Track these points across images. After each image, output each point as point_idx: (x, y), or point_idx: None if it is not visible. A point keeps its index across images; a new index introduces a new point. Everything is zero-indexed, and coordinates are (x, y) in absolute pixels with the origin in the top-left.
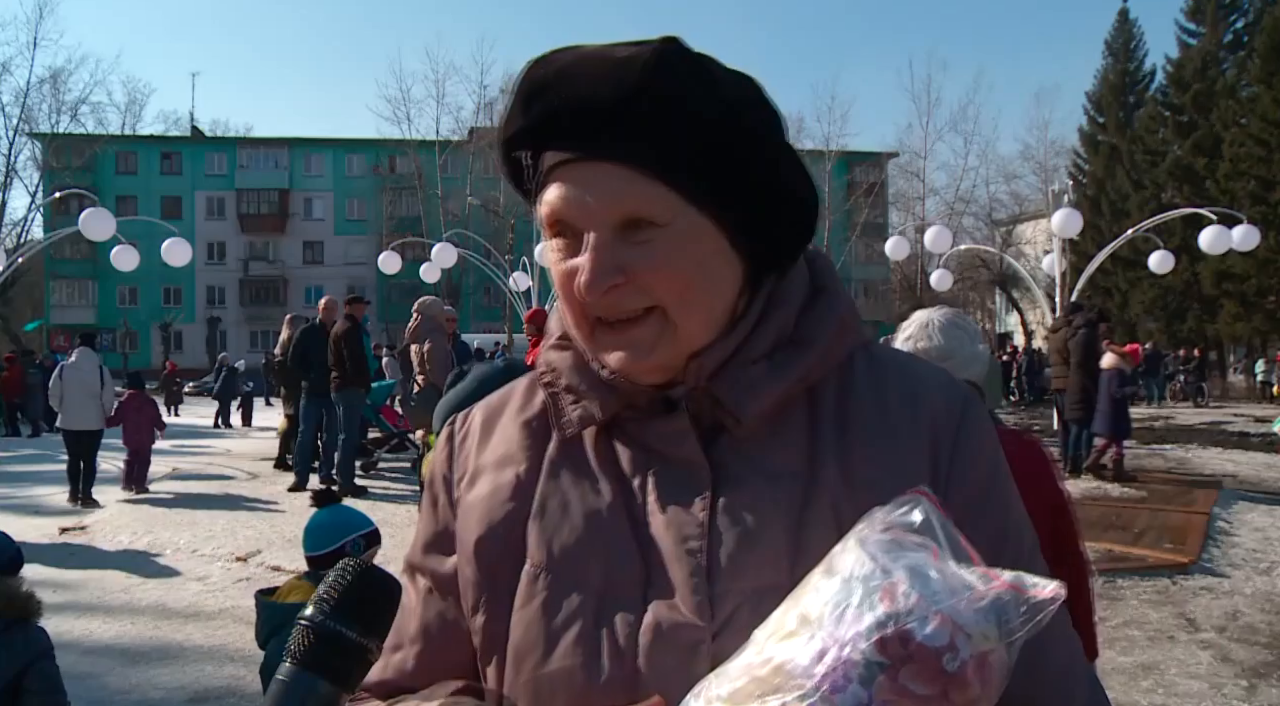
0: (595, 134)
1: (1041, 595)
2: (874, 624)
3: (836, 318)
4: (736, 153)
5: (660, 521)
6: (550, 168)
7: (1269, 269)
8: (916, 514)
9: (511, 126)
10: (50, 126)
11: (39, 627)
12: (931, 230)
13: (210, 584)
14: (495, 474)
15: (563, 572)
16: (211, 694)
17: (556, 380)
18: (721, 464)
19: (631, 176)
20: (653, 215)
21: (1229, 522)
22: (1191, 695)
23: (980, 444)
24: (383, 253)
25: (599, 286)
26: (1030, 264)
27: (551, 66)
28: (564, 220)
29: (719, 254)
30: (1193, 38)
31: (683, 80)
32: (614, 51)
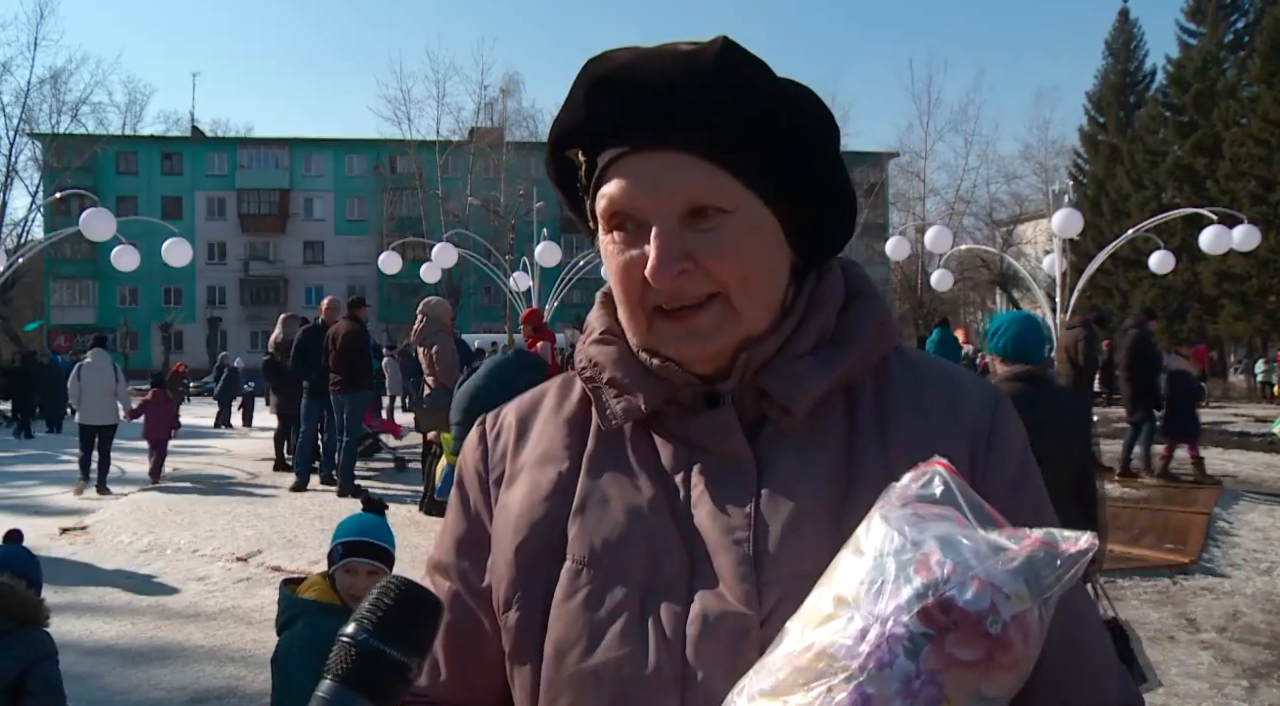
0: (662, 124)
1: (1074, 548)
2: (914, 595)
3: (875, 319)
4: (796, 147)
5: (705, 514)
6: (611, 161)
7: (1269, 269)
8: (936, 484)
9: (571, 120)
10: (51, 127)
11: (44, 632)
12: (932, 230)
13: (210, 584)
14: (536, 472)
15: (606, 567)
16: (211, 694)
17: (598, 374)
18: (764, 457)
19: (697, 164)
20: (719, 202)
21: (1229, 523)
22: (1192, 695)
23: (1012, 441)
24: (383, 253)
25: (668, 271)
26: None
27: (614, 62)
28: (627, 211)
29: (777, 244)
30: (1193, 38)
31: (749, 75)
32: (675, 47)
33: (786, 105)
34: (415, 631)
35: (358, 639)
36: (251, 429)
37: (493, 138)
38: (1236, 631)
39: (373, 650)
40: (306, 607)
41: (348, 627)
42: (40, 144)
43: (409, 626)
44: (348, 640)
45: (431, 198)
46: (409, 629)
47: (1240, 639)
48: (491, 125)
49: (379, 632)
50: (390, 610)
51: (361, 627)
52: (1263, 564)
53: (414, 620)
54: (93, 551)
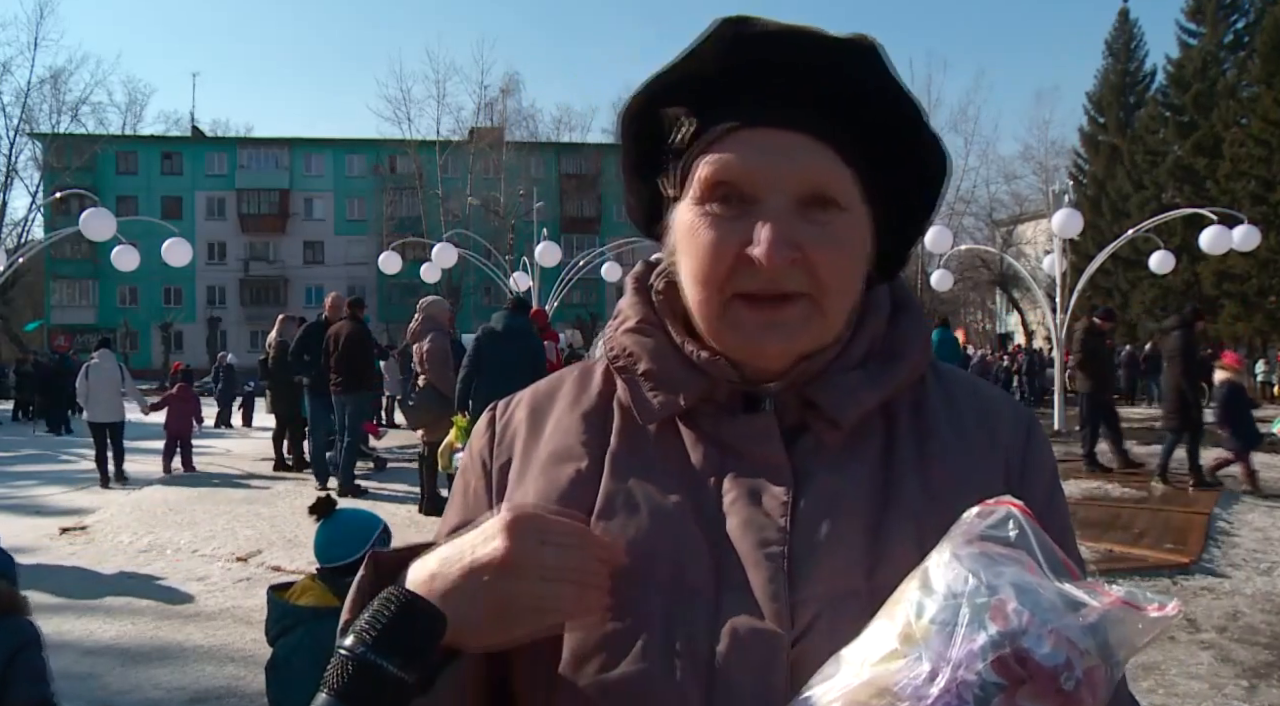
0: (798, 101)
1: (1158, 613)
2: (989, 643)
3: (921, 335)
4: (911, 162)
5: (738, 522)
6: (731, 128)
7: (1269, 269)
8: (1010, 527)
9: (694, 71)
10: (51, 126)
11: (26, 620)
12: (932, 230)
13: (210, 584)
14: (552, 469)
15: (631, 573)
16: (211, 694)
17: (633, 365)
18: (802, 468)
19: (828, 153)
20: (838, 195)
21: (1229, 522)
22: (1192, 695)
23: (1043, 461)
24: (383, 253)
25: (784, 254)
26: (1031, 264)
27: (761, 26)
28: (738, 184)
29: (866, 255)
30: (1193, 38)
31: (894, 82)
32: (823, 32)
33: (919, 120)
34: (415, 645)
35: (355, 652)
36: (251, 428)
37: (493, 138)
38: (1236, 631)
39: (370, 664)
40: (304, 615)
41: (345, 640)
42: (40, 144)
43: (408, 640)
44: (345, 653)
45: (431, 198)
46: (408, 643)
47: (1240, 639)
48: (491, 125)
49: (377, 646)
50: (389, 623)
51: (360, 640)
52: (1263, 564)
53: (413, 634)
54: (93, 551)
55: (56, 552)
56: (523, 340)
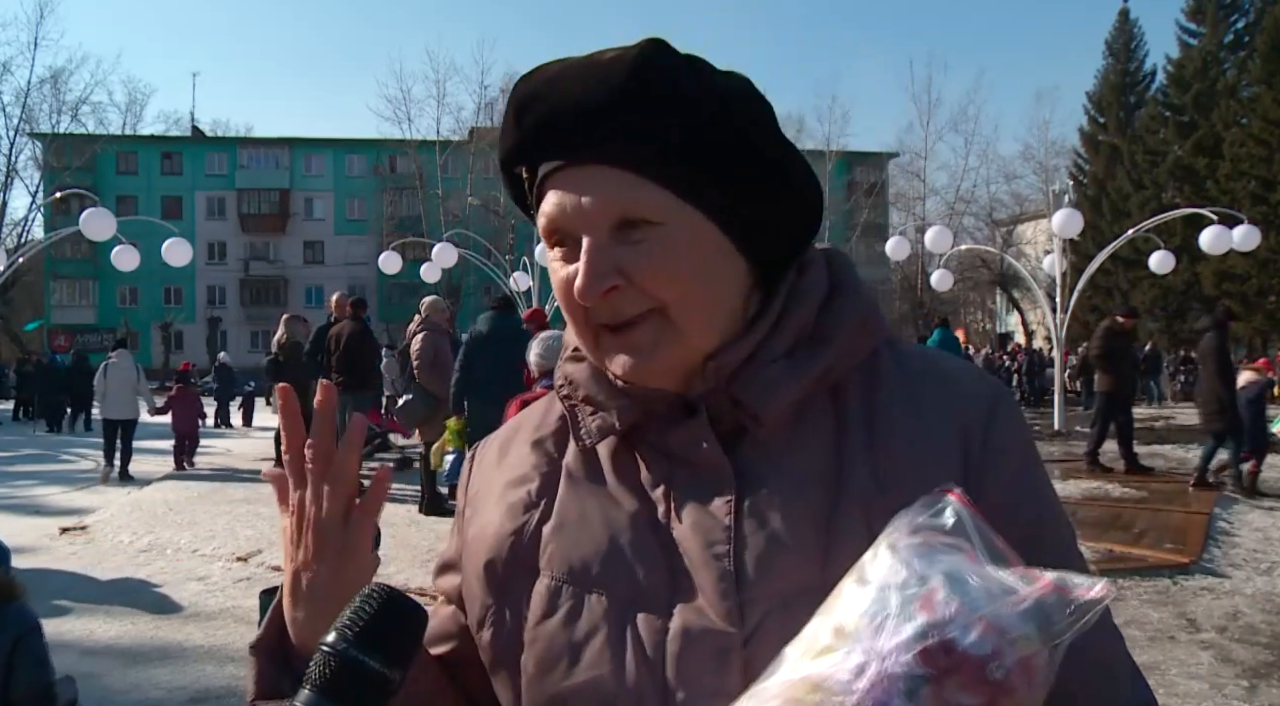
0: (586, 138)
1: (1087, 595)
2: (915, 635)
3: (857, 315)
4: (730, 148)
5: (685, 527)
6: (544, 177)
7: (1269, 269)
8: (948, 515)
9: (506, 141)
10: (51, 126)
11: (22, 606)
12: (932, 230)
13: (210, 584)
14: (506, 493)
15: (585, 583)
16: (211, 694)
17: (574, 392)
18: (745, 466)
19: (623, 176)
20: (647, 214)
21: (1229, 522)
22: (1192, 695)
23: (1011, 436)
24: (383, 253)
25: (596, 288)
26: (1031, 264)
27: (540, 78)
28: (560, 227)
29: (719, 253)
30: (1193, 38)
31: (671, 78)
32: (600, 56)
33: (716, 107)
34: (396, 642)
35: (337, 648)
36: (252, 428)
37: (493, 137)
38: (1236, 631)
39: (352, 660)
40: None
41: (328, 636)
42: (40, 144)
43: (390, 636)
44: (327, 649)
45: (431, 198)
46: (390, 639)
47: (1240, 639)
48: (491, 125)
49: (359, 642)
50: (371, 619)
51: (341, 637)
52: (1263, 564)
53: (396, 630)
54: (93, 551)
55: (56, 552)
56: (510, 342)
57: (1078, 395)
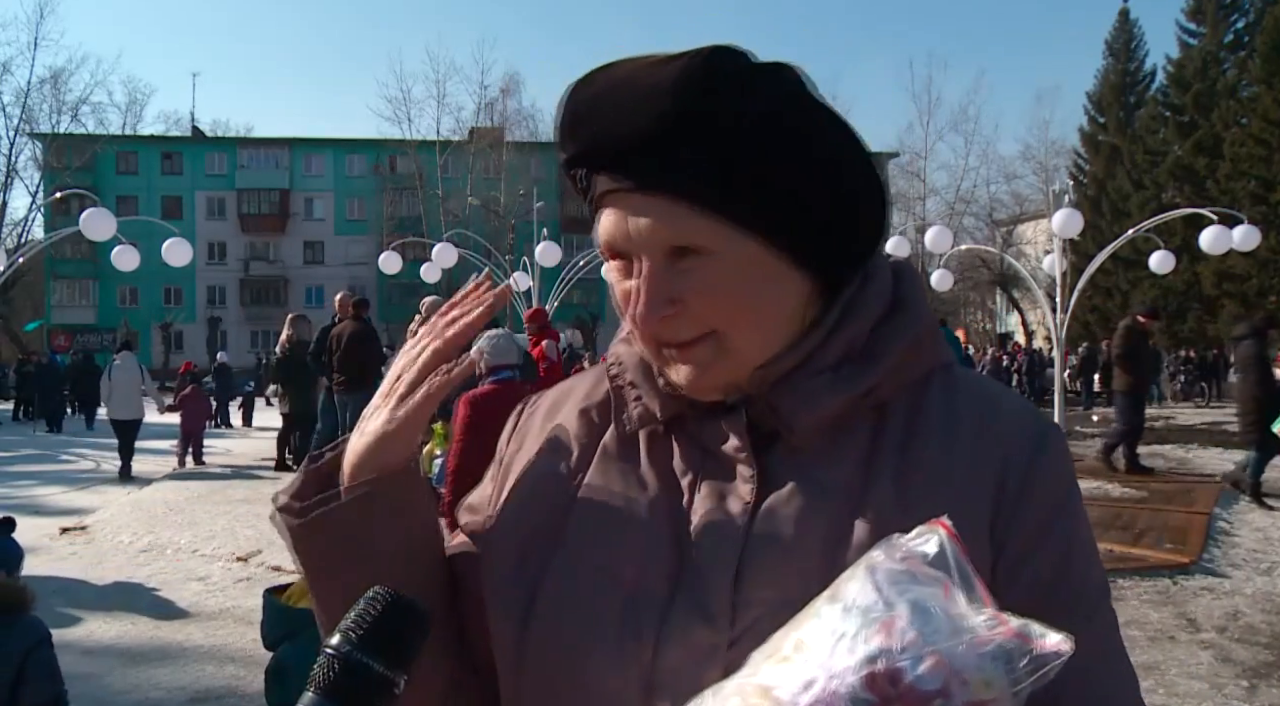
0: (635, 165)
1: (1045, 647)
2: (865, 658)
3: (912, 334)
4: (783, 172)
5: (701, 522)
6: (601, 194)
7: (1269, 269)
8: (932, 545)
9: (562, 151)
10: (51, 126)
11: (35, 617)
12: (932, 230)
13: (210, 584)
14: (544, 457)
15: (596, 564)
16: (211, 694)
17: (622, 373)
18: (772, 471)
19: (673, 207)
20: (699, 245)
21: (1230, 522)
22: (1192, 695)
23: (1052, 478)
24: (383, 253)
25: (653, 317)
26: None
27: (592, 92)
28: (617, 247)
29: (773, 274)
30: (1193, 38)
31: (712, 104)
32: (648, 74)
33: (766, 134)
34: (401, 644)
35: (341, 651)
36: (251, 428)
37: (493, 138)
38: (1236, 631)
39: (357, 663)
40: (306, 619)
41: (332, 638)
42: (40, 144)
43: (394, 639)
44: (331, 651)
45: (431, 198)
46: (394, 642)
47: (1240, 639)
48: (491, 125)
49: (363, 645)
50: (376, 622)
51: (346, 639)
52: (1263, 564)
53: (400, 633)
54: (93, 551)
55: (56, 552)
56: None
57: (1077, 395)
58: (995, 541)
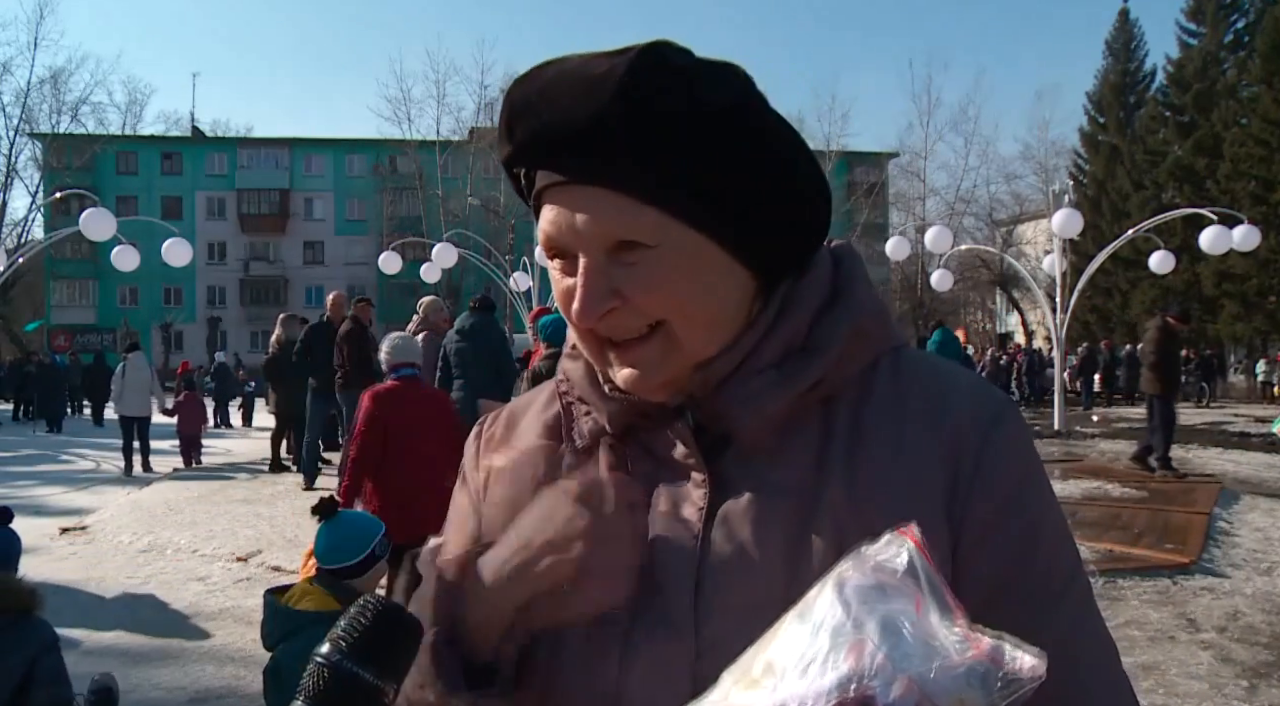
0: (576, 158)
1: (1019, 670)
2: (836, 684)
3: (853, 322)
4: (726, 166)
5: (659, 532)
6: (541, 189)
7: (1269, 269)
8: (901, 558)
9: (501, 148)
10: (51, 127)
11: (42, 620)
12: (932, 230)
13: (210, 584)
14: (514, 475)
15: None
16: (211, 694)
17: (571, 390)
18: (723, 476)
19: (615, 200)
20: (640, 237)
21: (1230, 523)
22: (1192, 695)
23: (1009, 457)
24: (383, 253)
25: (592, 312)
26: (1031, 264)
27: (531, 87)
28: (558, 244)
29: (717, 268)
30: (1193, 38)
31: (658, 96)
32: (591, 67)
33: (709, 127)
34: (392, 654)
35: (331, 660)
36: (251, 428)
37: (493, 138)
38: (1236, 631)
39: (347, 672)
40: (306, 620)
41: (322, 647)
42: (40, 144)
43: (385, 649)
44: (321, 660)
45: (431, 198)
46: (385, 651)
47: (1240, 639)
48: (491, 125)
49: (354, 654)
50: (366, 631)
51: (336, 648)
52: (1263, 564)
53: (390, 642)
54: (93, 551)
55: (56, 552)
56: (479, 338)
57: (1077, 395)
58: (952, 527)
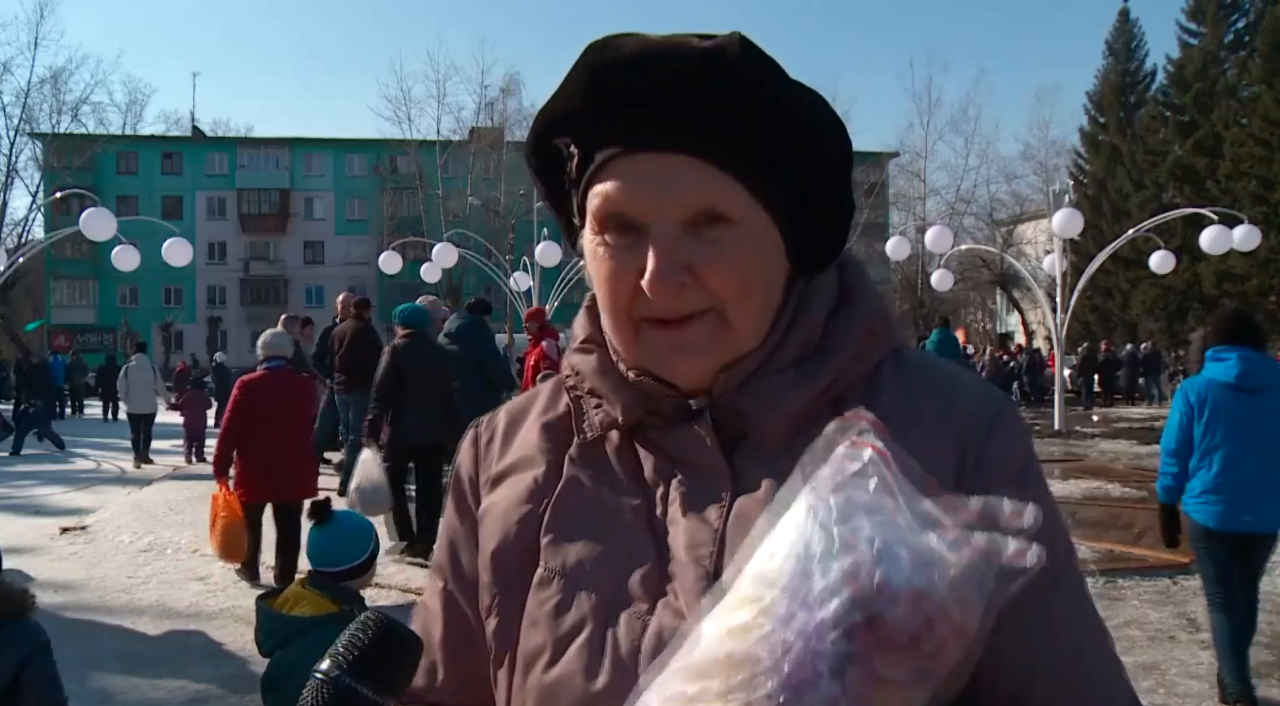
0: (668, 123)
1: (1017, 561)
2: (841, 611)
3: (864, 324)
4: (808, 155)
5: (678, 529)
6: (610, 157)
7: (1270, 269)
8: (869, 470)
9: (568, 108)
10: (51, 126)
11: (34, 622)
12: (932, 230)
13: (210, 584)
14: (514, 477)
15: (576, 577)
16: (211, 694)
17: (580, 383)
18: (741, 472)
19: (707, 170)
20: (726, 210)
21: None
22: (1192, 695)
23: (1008, 454)
24: (383, 253)
25: (669, 283)
26: (1031, 264)
27: (622, 50)
28: (625, 212)
29: (777, 257)
30: (1193, 38)
31: (766, 78)
32: (689, 41)
33: (802, 114)
34: (391, 670)
35: (331, 676)
36: None
37: (493, 138)
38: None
39: (346, 688)
40: (301, 626)
41: (322, 663)
42: (40, 144)
43: (385, 665)
44: (321, 677)
45: (431, 198)
46: (384, 667)
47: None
48: (492, 125)
49: (354, 670)
50: (366, 647)
51: (336, 664)
52: None
53: (390, 658)
54: (93, 551)
55: (56, 552)
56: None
57: (1077, 395)
58: None
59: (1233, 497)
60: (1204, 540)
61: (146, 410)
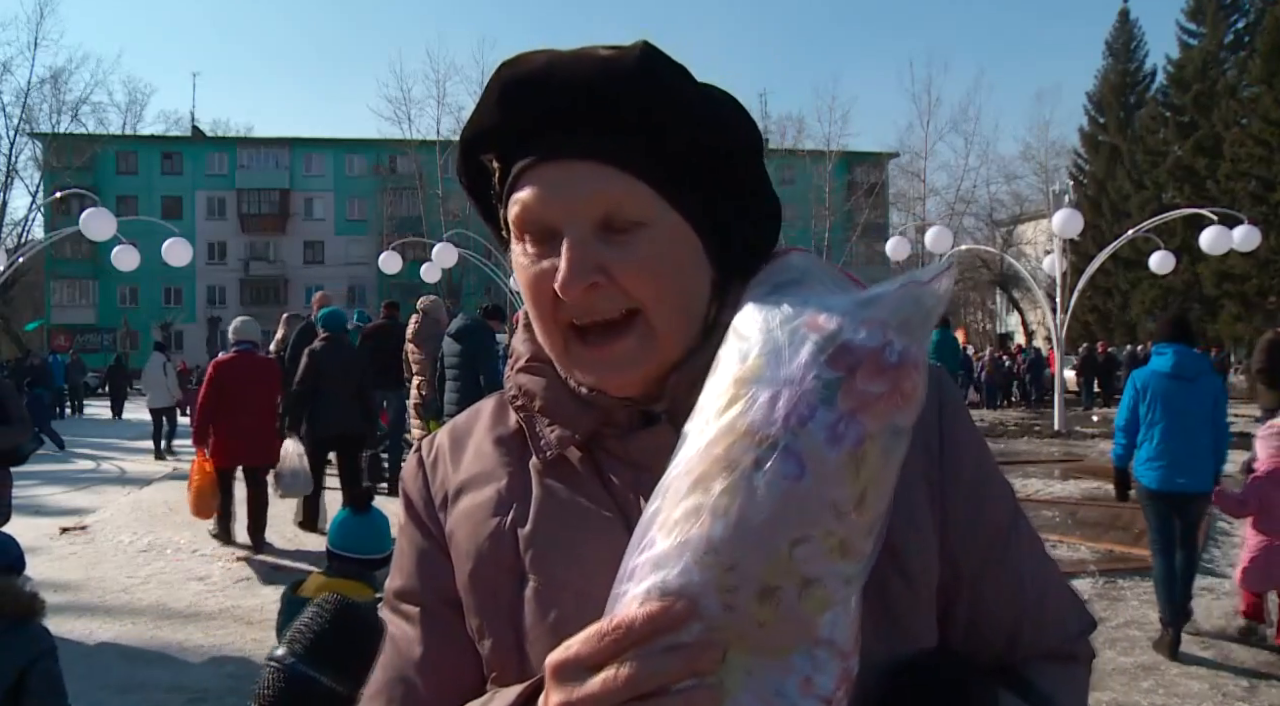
0: (576, 132)
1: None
2: (815, 349)
3: None
4: (717, 155)
5: None
6: (525, 168)
7: (1270, 269)
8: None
9: (483, 124)
10: (51, 126)
11: (41, 627)
12: (932, 230)
13: (210, 584)
14: (475, 492)
15: (572, 589)
16: (211, 694)
17: (529, 403)
18: None
19: (614, 174)
20: (634, 213)
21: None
22: (1192, 695)
23: (964, 435)
24: (383, 253)
25: (578, 283)
26: (1031, 264)
27: (530, 64)
28: (539, 220)
29: (695, 259)
30: (1193, 38)
31: (670, 82)
32: (595, 52)
33: (708, 115)
34: (348, 656)
35: (285, 663)
36: None
37: None
38: (1236, 631)
39: (302, 676)
40: None
41: (278, 650)
42: (40, 144)
43: (342, 651)
44: (275, 664)
45: (431, 198)
46: (341, 653)
47: (1240, 639)
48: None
49: (309, 657)
50: (323, 634)
51: (291, 651)
52: None
53: (348, 645)
54: (93, 551)
55: (56, 552)
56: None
57: (1076, 395)
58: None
59: (1169, 463)
60: (1148, 498)
61: (164, 404)
